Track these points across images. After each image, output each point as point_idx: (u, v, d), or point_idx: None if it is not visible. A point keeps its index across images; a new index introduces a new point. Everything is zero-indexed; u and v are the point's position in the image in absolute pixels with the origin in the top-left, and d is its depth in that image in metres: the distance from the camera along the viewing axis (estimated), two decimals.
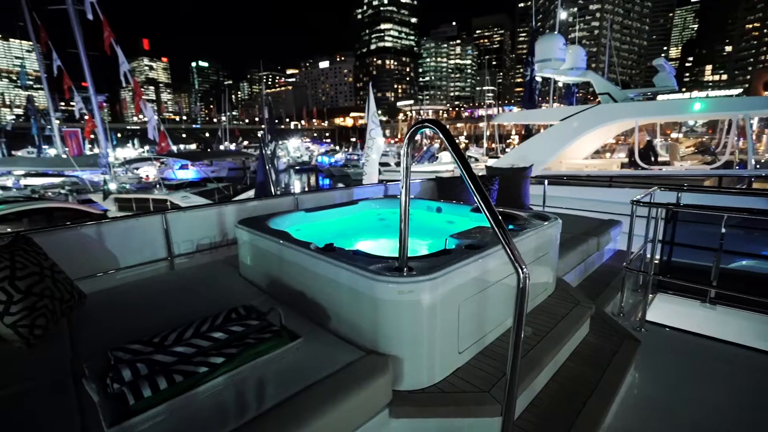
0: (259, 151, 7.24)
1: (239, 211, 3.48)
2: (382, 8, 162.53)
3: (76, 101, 21.60)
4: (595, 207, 5.61)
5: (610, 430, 1.93)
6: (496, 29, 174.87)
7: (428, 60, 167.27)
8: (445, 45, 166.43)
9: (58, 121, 26.45)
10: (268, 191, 6.67)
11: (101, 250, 2.72)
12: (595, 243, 3.62)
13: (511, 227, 2.50)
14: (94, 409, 1.34)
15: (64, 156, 22.55)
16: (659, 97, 9.71)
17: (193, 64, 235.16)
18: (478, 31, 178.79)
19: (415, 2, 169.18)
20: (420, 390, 1.69)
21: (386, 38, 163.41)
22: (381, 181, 7.53)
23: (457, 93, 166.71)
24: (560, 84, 14.10)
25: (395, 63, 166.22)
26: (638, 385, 2.30)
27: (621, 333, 2.55)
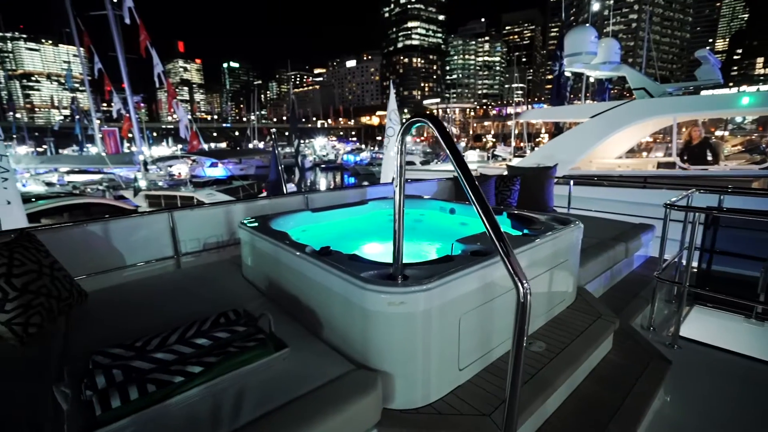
0: (272, 150, 7.27)
1: (248, 210, 3.43)
2: (409, 6, 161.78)
3: (114, 102, 22.67)
4: (627, 209, 5.24)
5: None
6: (526, 25, 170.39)
7: (455, 58, 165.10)
8: (473, 42, 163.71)
9: (98, 121, 27.86)
10: (279, 190, 6.68)
11: (107, 248, 2.73)
12: (624, 249, 3.33)
13: (525, 232, 2.31)
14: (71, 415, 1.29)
15: (102, 154, 23.69)
16: (703, 92, 9.04)
17: (225, 65, 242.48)
18: (507, 27, 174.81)
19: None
20: (413, 410, 1.55)
21: (413, 36, 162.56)
22: (414, 179, 7.37)
23: (484, 91, 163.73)
24: (592, 80, 13.41)
25: (422, 61, 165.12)
26: (667, 411, 2.06)
27: (649, 351, 2.30)
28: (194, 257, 3.14)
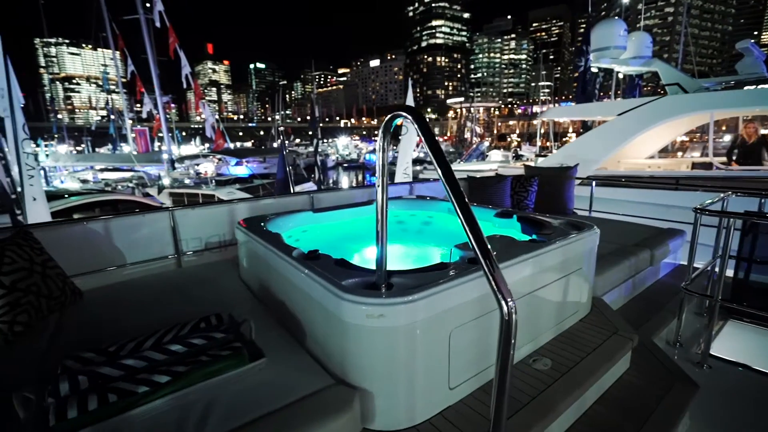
0: (280, 150, 7.25)
1: (251, 209, 3.37)
2: (434, 5, 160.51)
3: (145, 102, 23.56)
4: (655, 213, 4.90)
5: None
6: (554, 21, 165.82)
7: (480, 56, 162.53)
8: (499, 40, 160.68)
9: (131, 121, 28.98)
10: (287, 189, 6.65)
11: (108, 246, 2.72)
12: (648, 256, 3.07)
13: (534, 237, 2.12)
14: (39, 422, 1.22)
15: (130, 153, 24.60)
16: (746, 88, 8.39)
17: (252, 66, 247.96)
18: (534, 24, 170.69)
19: None
20: None
21: (437, 35, 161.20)
22: (418, 179, 7.21)
23: (510, 89, 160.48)
24: (621, 76, 12.78)
25: (446, 60, 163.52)
26: None
27: (673, 371, 2.07)
28: (196, 256, 3.10)
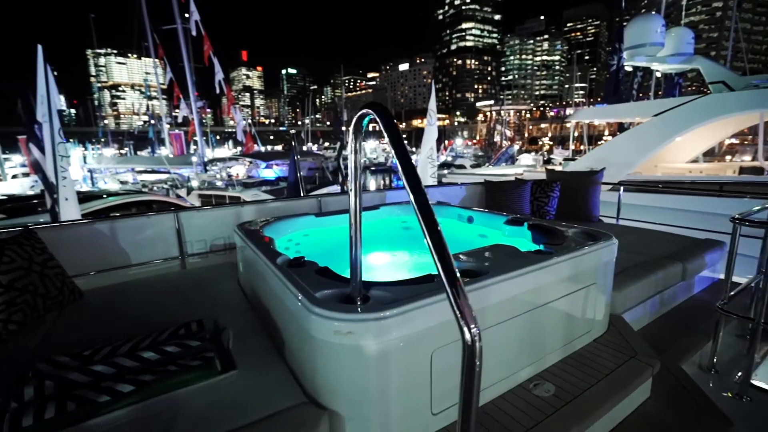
0: (291, 154, 7.28)
1: (257, 212, 3.35)
2: (464, 7, 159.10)
3: (181, 108, 24.66)
4: (693, 222, 4.51)
5: None
6: (590, 20, 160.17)
7: (512, 58, 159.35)
8: (531, 41, 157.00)
9: (168, 126, 30.39)
10: (297, 192, 6.65)
11: (114, 247, 2.75)
12: (680, 270, 2.78)
13: (540, 248, 1.94)
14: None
15: (162, 156, 25.75)
16: None
17: (284, 71, 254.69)
18: (569, 24, 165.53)
19: None
20: None
21: (467, 37, 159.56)
22: (436, 184, 7.04)
23: (542, 92, 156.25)
24: (658, 74, 12.01)
25: (476, 62, 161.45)
26: None
27: (703, 403, 1.82)
28: (201, 258, 3.10)
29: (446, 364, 1.38)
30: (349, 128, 1.30)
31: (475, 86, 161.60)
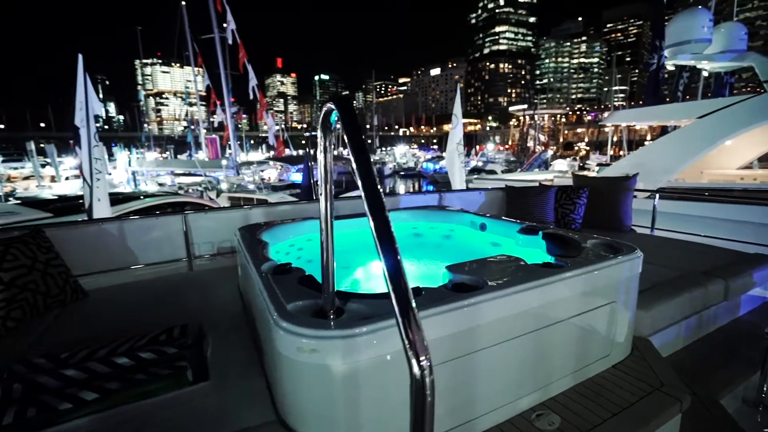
0: (305, 157, 7.30)
1: (266, 215, 3.31)
2: (497, 10, 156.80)
3: (217, 113, 25.74)
4: (740, 234, 4.07)
5: None
6: (632, 20, 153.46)
7: (547, 61, 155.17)
8: (568, 43, 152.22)
9: (205, 131, 31.75)
10: (309, 195, 6.62)
11: (121, 247, 2.78)
12: (721, 288, 2.46)
13: (551, 260, 1.74)
14: None
15: (195, 159, 26.86)
16: None
17: (316, 77, 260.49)
18: (609, 25, 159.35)
19: (535, 0, 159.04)
20: None
21: (501, 41, 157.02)
22: (470, 188, 6.83)
23: (579, 95, 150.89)
24: (706, 74, 11.14)
25: (509, 66, 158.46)
26: None
27: None
28: (209, 260, 3.09)
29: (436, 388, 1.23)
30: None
31: (508, 90, 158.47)
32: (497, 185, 4.72)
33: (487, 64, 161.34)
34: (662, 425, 1.51)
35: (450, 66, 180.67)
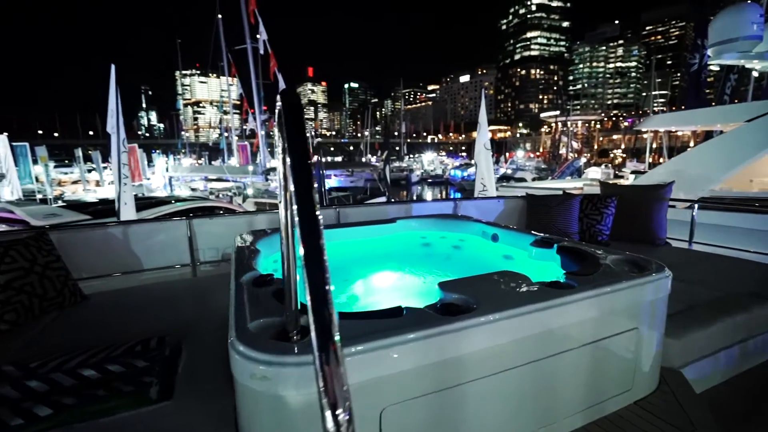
0: (317, 164, 7.26)
1: (271, 222, 3.25)
2: (529, 15, 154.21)
3: (249, 121, 26.63)
4: None
5: None
6: (673, 22, 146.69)
7: (581, 66, 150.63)
8: (603, 48, 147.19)
9: (237, 138, 32.87)
10: (320, 202, 6.57)
11: (125, 251, 2.78)
12: None
13: (560, 278, 1.54)
14: None
15: (237, 165, 27.75)
16: None
17: (346, 85, 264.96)
18: (648, 28, 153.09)
19: (568, 5, 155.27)
20: None
21: (532, 47, 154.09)
22: (479, 197, 6.60)
23: (615, 100, 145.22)
24: (755, 74, 10.26)
25: (541, 72, 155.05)
26: None
27: None
28: (212, 266, 3.05)
29: (404, 426, 1.07)
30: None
31: (540, 96, 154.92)
32: (518, 193, 4.47)
33: (518, 70, 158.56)
34: None
35: (479, 73, 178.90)
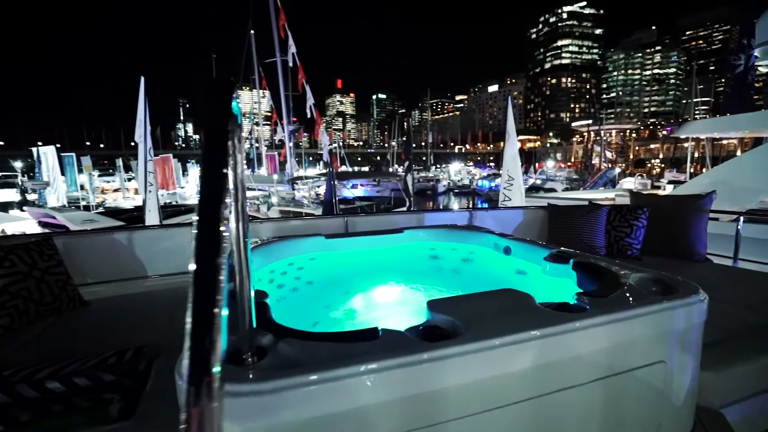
0: (328, 173, 7.23)
1: (276, 230, 3.18)
2: (560, 24, 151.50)
3: (278, 132, 27.44)
4: None
5: None
6: (717, 26, 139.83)
7: (615, 73, 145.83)
8: (639, 54, 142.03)
9: (266, 148, 33.90)
10: (331, 210, 6.50)
11: (130, 257, 2.77)
12: None
13: (570, 300, 1.34)
14: None
15: (266, 174, 28.57)
16: None
17: (374, 96, 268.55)
18: (688, 32, 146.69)
19: (601, 12, 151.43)
20: None
21: (563, 55, 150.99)
22: (496, 207, 6.35)
23: (653, 108, 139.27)
24: None
25: (572, 80, 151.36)
26: None
27: None
28: None
29: None
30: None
31: (571, 105, 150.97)
32: (541, 203, 4.21)
33: (548, 78, 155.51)
34: None
35: (508, 82, 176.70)
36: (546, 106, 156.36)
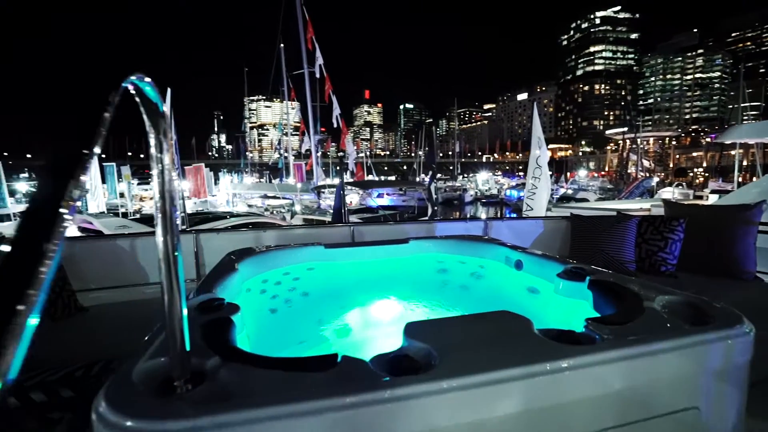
0: (339, 181, 7.13)
1: (279, 238, 3.09)
2: (592, 29, 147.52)
3: (305, 142, 28.03)
4: None
5: None
6: (766, 27, 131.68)
7: (652, 79, 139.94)
8: (679, 58, 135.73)
9: (294, 157, 34.65)
10: (340, 219, 6.38)
11: (131, 264, 2.75)
12: None
13: (577, 328, 1.13)
14: None
15: (293, 183, 29.13)
16: None
17: (401, 106, 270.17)
18: (734, 34, 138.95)
19: (637, 15, 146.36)
20: None
21: (596, 61, 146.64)
22: (515, 216, 6.05)
23: (695, 115, 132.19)
24: None
25: (606, 87, 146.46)
26: None
27: None
28: None
29: None
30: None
31: (605, 112, 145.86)
32: (564, 213, 3.92)
33: (581, 86, 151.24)
34: None
35: (538, 90, 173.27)
36: (578, 113, 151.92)
